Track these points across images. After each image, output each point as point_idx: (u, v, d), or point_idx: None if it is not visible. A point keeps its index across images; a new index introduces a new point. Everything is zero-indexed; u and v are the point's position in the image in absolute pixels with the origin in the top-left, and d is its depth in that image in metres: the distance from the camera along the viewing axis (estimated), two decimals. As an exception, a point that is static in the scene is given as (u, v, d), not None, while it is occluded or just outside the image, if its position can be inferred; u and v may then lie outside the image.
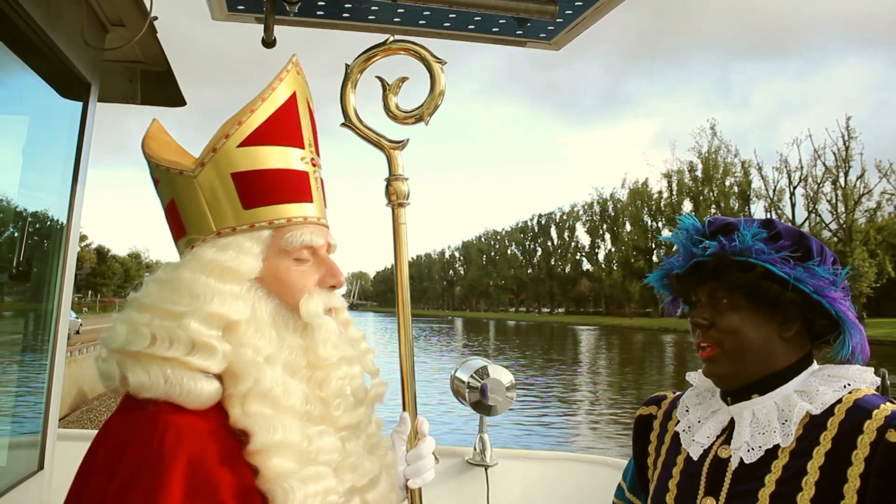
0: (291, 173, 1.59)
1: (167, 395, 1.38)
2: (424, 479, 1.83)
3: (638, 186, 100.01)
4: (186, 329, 1.41)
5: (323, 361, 1.54)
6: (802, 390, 1.72)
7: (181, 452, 1.31)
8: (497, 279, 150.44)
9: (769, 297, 1.70)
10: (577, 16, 2.81)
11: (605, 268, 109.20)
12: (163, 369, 1.39)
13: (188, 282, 1.46)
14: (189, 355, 1.40)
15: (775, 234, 1.76)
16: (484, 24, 2.91)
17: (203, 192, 1.54)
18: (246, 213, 1.54)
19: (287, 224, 1.56)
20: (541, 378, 34.68)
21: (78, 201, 3.20)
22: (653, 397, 2.13)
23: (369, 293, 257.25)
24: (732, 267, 1.73)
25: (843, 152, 70.45)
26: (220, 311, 1.44)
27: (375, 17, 2.90)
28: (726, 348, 1.75)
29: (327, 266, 1.62)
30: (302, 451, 1.43)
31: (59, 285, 3.18)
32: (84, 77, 3.08)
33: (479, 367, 3.64)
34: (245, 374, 1.43)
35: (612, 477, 3.78)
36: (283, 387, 1.45)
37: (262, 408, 1.42)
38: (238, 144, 1.54)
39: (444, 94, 2.03)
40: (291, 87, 1.63)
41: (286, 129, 1.60)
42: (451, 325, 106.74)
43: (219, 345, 1.42)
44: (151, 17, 2.86)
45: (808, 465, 1.60)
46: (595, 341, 69.02)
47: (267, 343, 1.48)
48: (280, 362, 1.48)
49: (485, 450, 3.69)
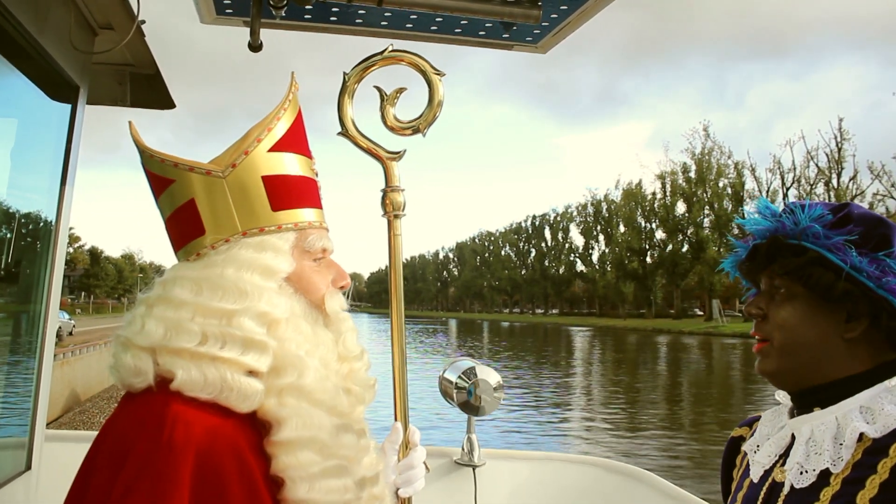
0: (307, 180, 1.68)
1: (219, 396, 1.41)
2: (415, 488, 1.86)
3: (632, 188, 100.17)
4: (240, 327, 1.45)
5: (350, 353, 1.65)
6: (868, 407, 1.46)
7: (190, 445, 1.33)
8: (491, 280, 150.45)
9: (822, 287, 1.50)
10: (562, 20, 2.83)
11: (598, 269, 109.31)
12: (220, 370, 1.41)
13: (234, 279, 1.49)
14: (243, 354, 1.44)
15: (844, 218, 1.55)
16: (470, 27, 2.93)
17: (231, 192, 1.58)
18: (274, 215, 1.60)
19: (308, 227, 1.63)
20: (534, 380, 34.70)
21: (66, 203, 3.22)
22: (748, 418, 1.89)
23: (363, 294, 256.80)
24: (785, 250, 1.57)
25: (835, 154, 70.72)
26: (268, 308, 1.49)
27: (362, 20, 2.92)
28: (776, 343, 1.57)
29: (336, 269, 1.69)
30: (326, 445, 1.48)
31: (48, 286, 3.18)
32: (73, 80, 3.09)
33: (466, 367, 3.65)
34: (289, 367, 1.48)
35: (600, 477, 3.83)
36: (320, 381, 1.51)
37: (298, 401, 1.46)
38: (269, 149, 1.61)
39: (442, 105, 2.02)
40: (297, 104, 1.71)
41: (299, 140, 1.69)
42: (445, 326, 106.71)
43: (269, 342, 1.47)
44: (139, 21, 2.87)
45: (858, 497, 1.38)
46: (589, 342, 69.04)
47: (305, 338, 1.54)
48: (317, 356, 1.55)
49: (473, 450, 3.70)
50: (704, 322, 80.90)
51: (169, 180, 1.62)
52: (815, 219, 1.55)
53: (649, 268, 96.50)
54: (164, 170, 1.61)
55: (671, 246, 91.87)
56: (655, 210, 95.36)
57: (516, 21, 2.69)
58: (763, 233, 1.64)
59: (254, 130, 1.62)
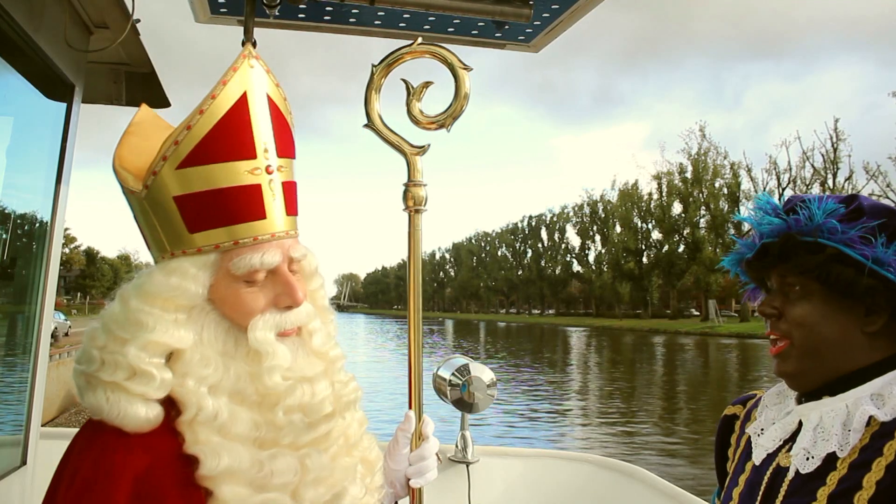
0: (238, 190, 1.46)
1: (108, 417, 1.39)
2: (427, 479, 1.84)
3: (628, 188, 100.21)
4: (128, 355, 1.40)
5: (269, 391, 1.46)
6: (879, 393, 1.46)
7: (128, 471, 1.35)
8: (487, 281, 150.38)
9: (843, 284, 1.47)
10: (553, 19, 2.86)
11: (595, 269, 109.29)
12: (105, 392, 1.40)
13: (135, 311, 1.45)
14: (128, 380, 1.40)
15: (856, 210, 1.52)
16: (463, 26, 2.96)
17: (152, 212, 1.49)
18: (191, 238, 1.47)
19: (234, 247, 1.47)
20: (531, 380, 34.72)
21: (62, 202, 3.23)
22: (742, 396, 1.89)
23: (359, 295, 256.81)
24: (800, 248, 1.52)
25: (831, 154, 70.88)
26: (161, 339, 1.42)
27: (356, 20, 2.94)
28: (796, 343, 1.53)
29: (283, 285, 1.52)
30: (253, 478, 1.41)
31: (43, 285, 3.20)
32: (68, 78, 3.10)
33: (460, 364, 3.67)
34: (188, 403, 1.42)
35: (594, 474, 3.85)
36: (228, 415, 1.42)
37: (210, 435, 1.40)
38: (176, 167, 1.44)
39: (468, 99, 1.98)
40: (241, 87, 1.48)
41: (232, 141, 1.46)
42: (441, 326, 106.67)
43: (157, 372, 1.41)
44: (134, 20, 2.89)
45: (865, 479, 1.37)
46: (585, 342, 69.09)
47: (213, 371, 1.45)
48: (226, 391, 1.45)
49: (466, 447, 3.73)
50: (701, 322, 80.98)
51: None
52: (828, 213, 1.51)
53: (645, 268, 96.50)
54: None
55: (667, 246, 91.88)
56: (652, 210, 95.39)
57: (507, 19, 2.72)
58: (775, 231, 1.59)
59: (163, 144, 1.45)
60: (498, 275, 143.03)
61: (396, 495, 1.87)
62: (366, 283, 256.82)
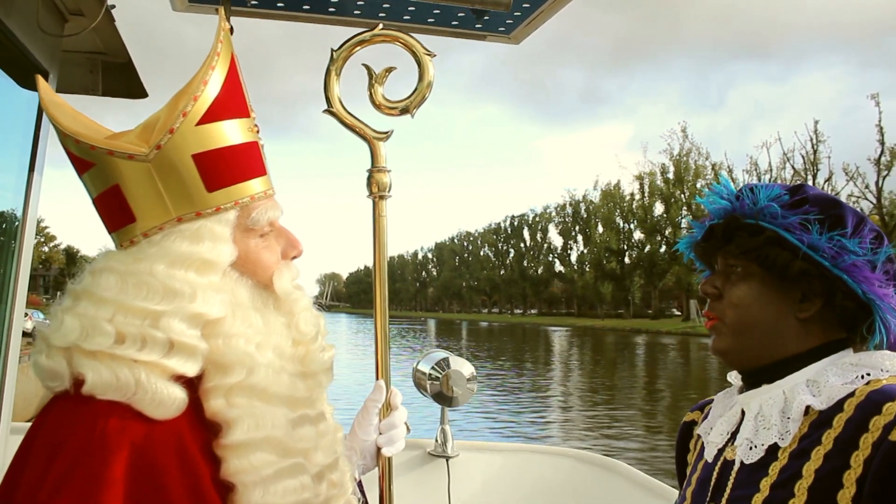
0: (247, 147, 1.50)
1: (133, 400, 1.29)
2: (398, 447, 1.87)
3: (610, 188, 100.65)
4: (167, 329, 1.33)
5: (304, 336, 1.51)
6: (815, 380, 1.48)
7: (124, 440, 1.25)
8: (470, 280, 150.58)
9: (778, 267, 1.50)
10: (534, 9, 2.84)
11: (577, 269, 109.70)
12: (135, 373, 1.29)
13: (163, 276, 1.36)
14: (166, 357, 1.32)
15: (801, 199, 1.55)
16: (443, 17, 2.93)
17: (159, 176, 1.41)
18: (210, 196, 1.44)
19: (250, 202, 1.49)
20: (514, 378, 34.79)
21: (34, 193, 3.17)
22: (700, 402, 1.90)
23: (342, 294, 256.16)
24: (742, 231, 1.56)
25: (811, 155, 71.45)
26: (203, 309, 1.36)
27: (335, 9, 2.91)
28: (728, 321, 1.57)
29: (286, 237, 1.57)
30: (282, 443, 1.38)
31: (14, 281, 3.14)
32: (41, 64, 3.05)
33: (440, 358, 3.66)
34: (237, 365, 1.37)
35: (573, 468, 3.84)
36: (273, 375, 1.40)
37: (250, 400, 1.36)
38: (196, 122, 1.42)
39: (431, 86, 1.99)
40: (229, 52, 1.51)
41: (234, 100, 1.50)
42: (423, 326, 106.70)
43: (200, 345, 1.35)
44: (108, 5, 2.84)
45: (804, 468, 1.39)
46: (567, 342, 69.29)
47: (256, 330, 1.42)
48: (270, 347, 1.43)
49: (446, 441, 3.72)
50: (682, 322, 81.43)
51: (89, 163, 1.46)
52: (772, 199, 1.55)
53: (627, 268, 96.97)
54: (82, 151, 1.46)
55: (649, 246, 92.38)
56: (634, 211, 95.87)
57: (487, 9, 2.69)
58: (720, 212, 1.63)
59: (180, 99, 1.43)
60: (480, 275, 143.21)
61: (366, 467, 1.87)
62: (348, 282, 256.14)
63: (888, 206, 63.61)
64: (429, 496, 3.55)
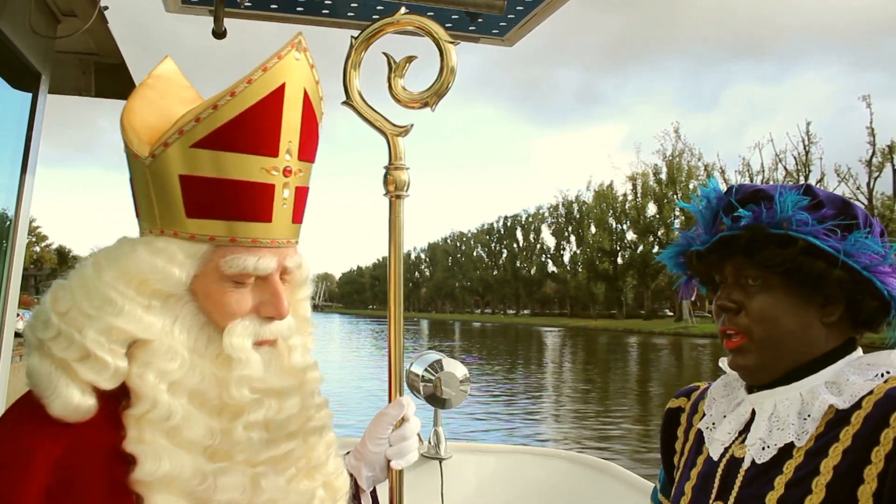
0: (249, 186, 1.36)
1: (40, 390, 1.30)
2: (408, 460, 1.77)
3: (603, 189, 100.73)
4: (85, 336, 1.29)
5: (234, 402, 1.36)
6: (834, 381, 1.47)
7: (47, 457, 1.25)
8: (463, 281, 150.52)
9: (812, 277, 1.45)
10: (527, 12, 2.85)
11: (569, 269, 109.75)
12: (50, 365, 1.30)
13: (105, 284, 1.33)
14: (79, 362, 1.29)
15: (817, 202, 1.50)
16: (437, 19, 2.91)
17: (152, 183, 1.37)
18: (188, 222, 1.36)
19: (229, 244, 1.38)
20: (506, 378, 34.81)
21: (27, 195, 3.17)
22: (684, 388, 1.89)
23: (335, 295, 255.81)
24: (769, 241, 1.48)
25: (803, 157, 71.69)
26: (124, 326, 1.31)
27: (329, 11, 2.91)
28: (756, 337, 1.51)
29: (271, 294, 1.42)
30: (192, 490, 1.30)
31: (6, 280, 3.14)
32: (34, 66, 3.05)
33: (433, 360, 3.66)
34: (143, 396, 1.30)
35: (566, 469, 3.85)
36: (183, 418, 1.31)
37: (157, 436, 1.29)
38: (191, 144, 1.33)
39: (455, 74, 1.85)
40: (281, 78, 1.36)
41: (257, 133, 1.36)
42: (416, 326, 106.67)
43: (112, 360, 1.30)
44: (101, 7, 2.84)
45: (822, 465, 1.38)
46: (560, 343, 69.38)
47: (177, 367, 1.34)
48: (187, 391, 1.33)
49: (439, 443, 3.72)
50: (674, 323, 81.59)
51: None
52: (795, 204, 1.49)
53: (620, 268, 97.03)
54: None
55: (642, 247, 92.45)
56: (626, 211, 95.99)
57: (481, 11, 2.70)
58: (741, 223, 1.53)
59: (183, 116, 1.35)
60: (473, 275, 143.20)
61: (376, 479, 1.80)
62: (341, 282, 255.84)
63: (879, 207, 63.87)
64: (422, 498, 3.55)
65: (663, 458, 1.88)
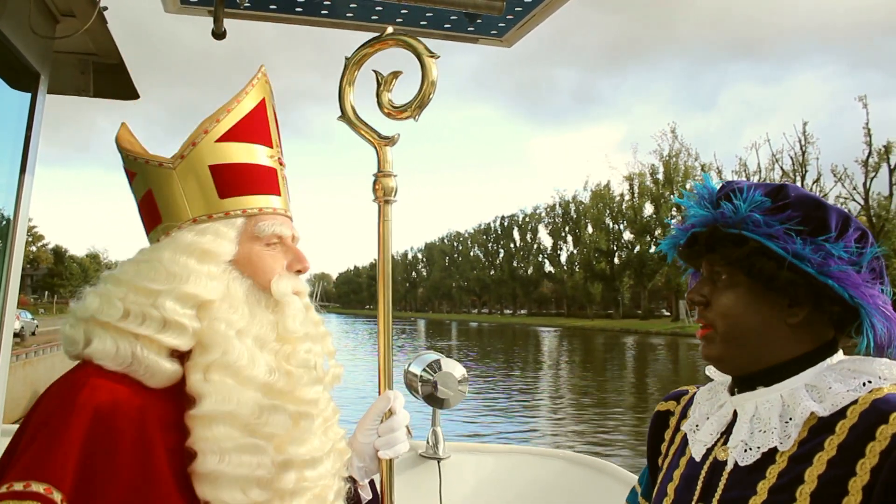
0: (261, 168, 1.75)
1: (129, 369, 1.51)
2: (396, 451, 1.92)
3: (600, 189, 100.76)
4: (161, 307, 1.53)
5: (291, 334, 1.65)
6: (814, 385, 1.48)
7: (89, 406, 1.43)
8: (460, 281, 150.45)
9: (765, 277, 1.48)
10: (526, 13, 2.86)
11: (567, 269, 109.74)
12: (132, 345, 1.51)
13: (167, 262, 1.59)
14: (160, 333, 1.52)
15: (784, 204, 1.51)
16: (435, 20, 2.94)
17: (181, 182, 1.69)
18: (221, 202, 1.69)
19: (258, 213, 1.71)
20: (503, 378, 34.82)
21: (26, 195, 3.16)
22: (674, 392, 1.90)
23: (332, 295, 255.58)
24: (726, 240, 1.53)
25: (799, 157, 71.78)
26: (194, 290, 1.56)
27: (328, 12, 2.92)
28: (720, 330, 1.55)
29: (294, 253, 1.75)
30: (248, 423, 1.51)
31: (5, 281, 3.13)
32: (32, 66, 3.04)
33: (431, 360, 3.66)
34: (215, 345, 1.53)
35: (565, 469, 3.86)
36: (249, 358, 1.55)
37: (224, 377, 1.52)
38: (216, 140, 1.70)
39: (435, 86, 2.02)
40: (260, 94, 1.80)
41: (257, 129, 1.76)
42: (413, 326, 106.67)
43: (189, 323, 1.54)
44: (101, 7, 2.84)
45: (806, 473, 1.38)
46: (557, 343, 69.40)
47: (240, 317, 1.59)
48: (251, 335, 1.59)
49: (437, 443, 3.72)
50: (671, 322, 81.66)
51: (133, 173, 1.77)
52: (754, 205, 1.51)
53: (617, 268, 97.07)
54: (129, 163, 1.77)
55: (639, 247, 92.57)
56: (623, 211, 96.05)
57: (480, 12, 2.71)
58: (701, 221, 1.60)
59: (204, 122, 1.71)
60: (470, 275, 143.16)
61: (368, 469, 1.94)
62: (338, 282, 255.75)
63: (876, 207, 63.93)
64: (420, 498, 3.55)
65: (649, 461, 1.90)
